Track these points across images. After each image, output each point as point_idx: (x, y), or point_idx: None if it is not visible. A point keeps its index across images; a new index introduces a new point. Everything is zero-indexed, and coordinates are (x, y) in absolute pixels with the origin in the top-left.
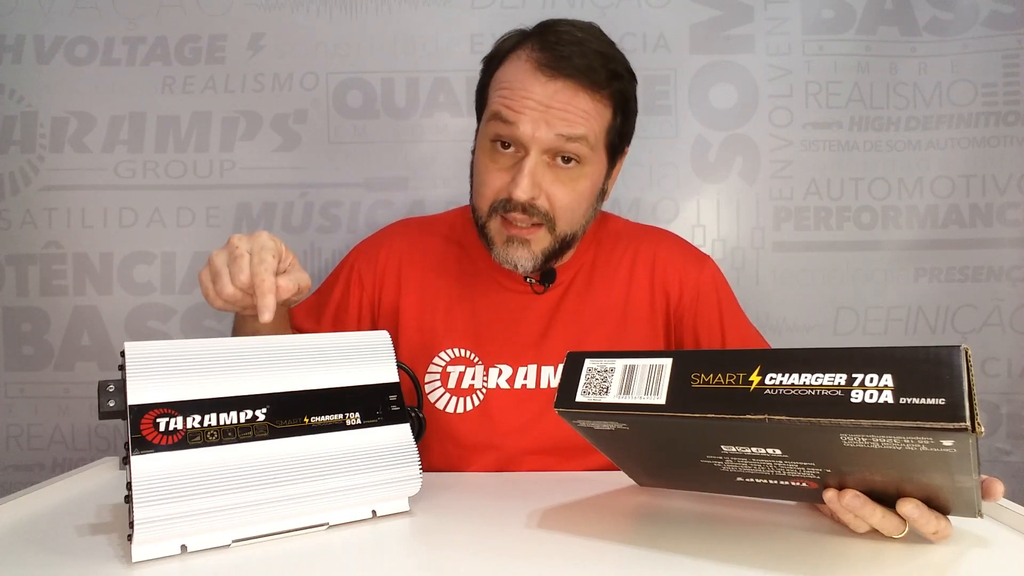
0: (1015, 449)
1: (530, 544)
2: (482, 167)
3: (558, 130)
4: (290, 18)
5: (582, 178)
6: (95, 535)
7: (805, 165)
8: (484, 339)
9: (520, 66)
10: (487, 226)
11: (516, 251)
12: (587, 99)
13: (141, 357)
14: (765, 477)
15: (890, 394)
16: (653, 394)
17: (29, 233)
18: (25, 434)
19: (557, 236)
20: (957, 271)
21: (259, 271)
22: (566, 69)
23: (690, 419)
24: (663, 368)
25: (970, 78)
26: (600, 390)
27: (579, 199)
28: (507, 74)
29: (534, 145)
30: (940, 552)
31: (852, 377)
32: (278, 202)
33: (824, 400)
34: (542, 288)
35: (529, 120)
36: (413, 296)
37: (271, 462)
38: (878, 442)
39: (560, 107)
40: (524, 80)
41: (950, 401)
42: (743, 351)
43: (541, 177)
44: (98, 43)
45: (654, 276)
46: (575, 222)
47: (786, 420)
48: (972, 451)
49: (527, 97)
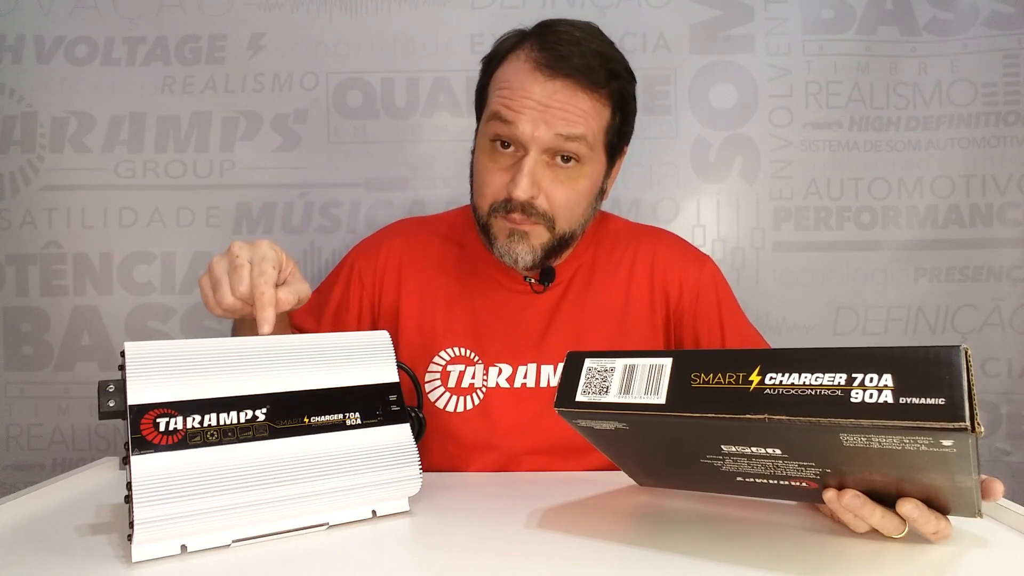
0: (1015, 449)
1: (530, 544)
2: (482, 167)
3: (557, 129)
4: (290, 18)
5: (581, 177)
6: (95, 535)
7: (805, 165)
8: (484, 338)
9: (519, 66)
10: (488, 224)
11: (516, 244)
12: (586, 99)
13: (141, 357)
14: (765, 477)
15: (890, 394)
16: (653, 394)
17: (29, 233)
18: (25, 434)
19: (556, 234)
20: (957, 271)
21: (259, 283)
22: (565, 69)
23: (690, 419)
24: (663, 368)
25: (970, 78)
26: (600, 390)
27: (578, 198)
28: (506, 74)
29: (533, 144)
30: (940, 552)
31: (852, 377)
32: (278, 202)
33: (824, 400)
34: (542, 287)
35: (528, 120)
36: (413, 296)
37: (271, 462)
38: (878, 442)
39: (559, 107)
40: (523, 80)
41: (950, 401)
42: (743, 351)
43: (540, 176)
44: (98, 43)
45: (654, 276)
46: (574, 221)
47: (786, 420)
48: (972, 451)
49: (526, 97)
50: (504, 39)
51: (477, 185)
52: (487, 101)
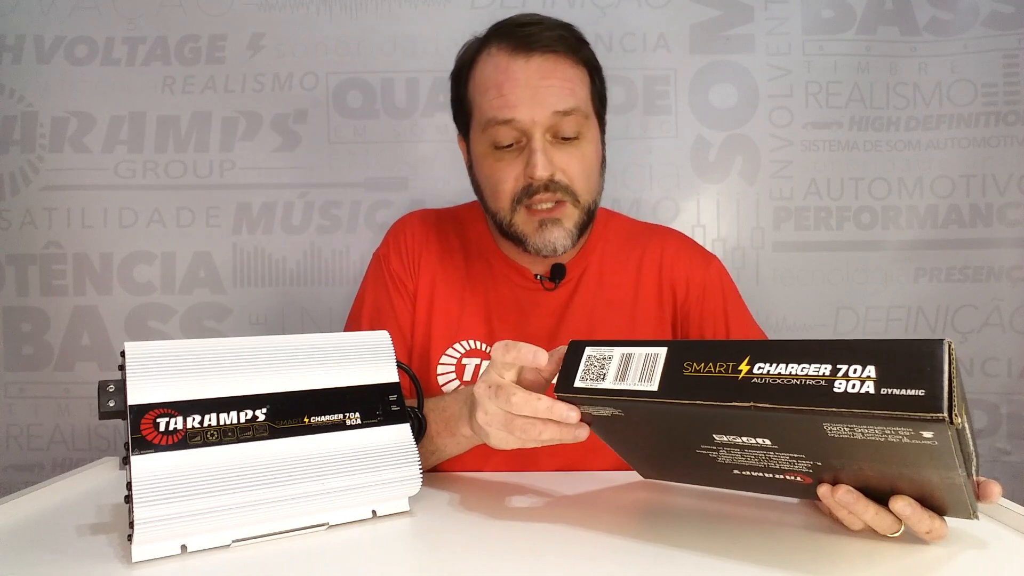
0: (1015, 449)
1: (530, 544)
2: (489, 169)
3: (553, 107)
4: (290, 18)
5: (585, 145)
6: (95, 535)
7: (805, 165)
8: (497, 333)
9: (494, 62)
10: (513, 222)
11: (551, 232)
12: (568, 66)
13: (141, 357)
14: (760, 470)
15: (872, 385)
16: (647, 381)
17: (29, 233)
18: (25, 434)
19: (582, 207)
20: (957, 271)
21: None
22: (540, 44)
23: (680, 405)
24: (658, 356)
25: (970, 78)
26: (598, 376)
27: (590, 166)
28: (484, 74)
29: (535, 128)
30: (935, 552)
31: (837, 368)
32: (278, 202)
33: (808, 389)
34: (552, 285)
35: (524, 105)
36: (427, 288)
37: (271, 462)
38: (861, 432)
39: (547, 82)
40: (504, 70)
41: (929, 393)
42: (736, 341)
43: (552, 155)
44: (98, 43)
45: (662, 273)
46: (592, 189)
47: (770, 408)
48: (954, 444)
49: (514, 84)
50: (464, 50)
51: (490, 188)
52: (471, 111)
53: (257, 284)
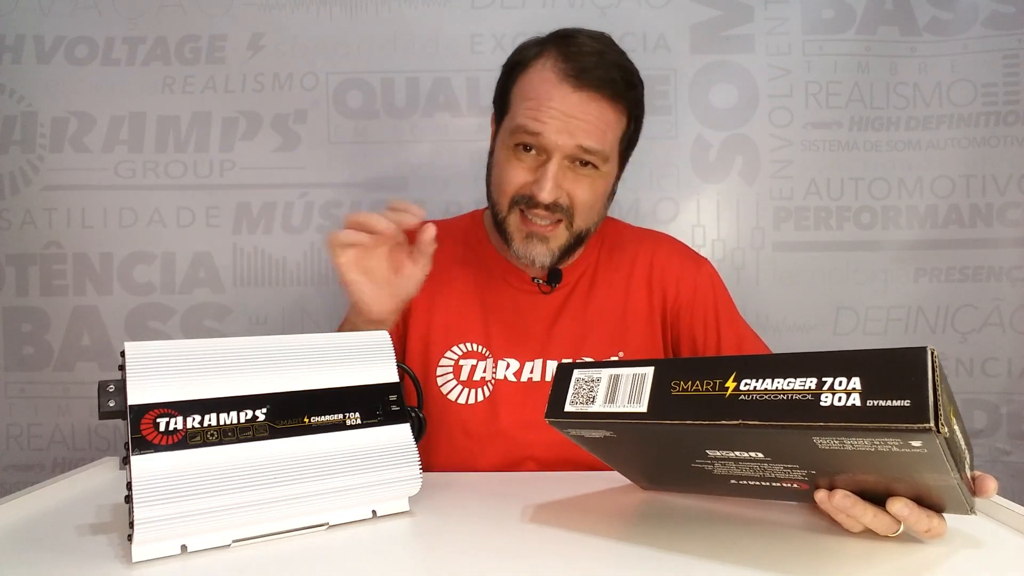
0: (1015, 449)
1: (530, 544)
2: (503, 162)
3: (579, 140)
4: (290, 18)
5: (599, 179)
6: (95, 535)
7: (805, 165)
8: (494, 334)
9: (544, 76)
10: (507, 220)
11: (535, 247)
12: (608, 109)
13: (141, 357)
14: (756, 479)
15: (858, 396)
16: (636, 402)
17: (29, 233)
18: (25, 434)
19: (574, 232)
20: (957, 271)
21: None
22: (589, 81)
23: (669, 426)
24: (645, 377)
25: (970, 78)
26: (587, 400)
27: (597, 198)
28: (532, 83)
29: (557, 152)
30: (934, 550)
31: (822, 381)
32: (278, 202)
33: (795, 404)
34: (549, 288)
35: (553, 129)
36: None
37: (271, 462)
38: (850, 444)
39: (583, 118)
40: (549, 91)
41: (915, 403)
42: (720, 358)
43: (563, 179)
44: (98, 43)
45: (652, 277)
46: (591, 219)
47: (758, 424)
48: (943, 451)
49: (552, 107)
50: (525, 47)
51: (497, 180)
52: (510, 107)
53: (257, 284)
